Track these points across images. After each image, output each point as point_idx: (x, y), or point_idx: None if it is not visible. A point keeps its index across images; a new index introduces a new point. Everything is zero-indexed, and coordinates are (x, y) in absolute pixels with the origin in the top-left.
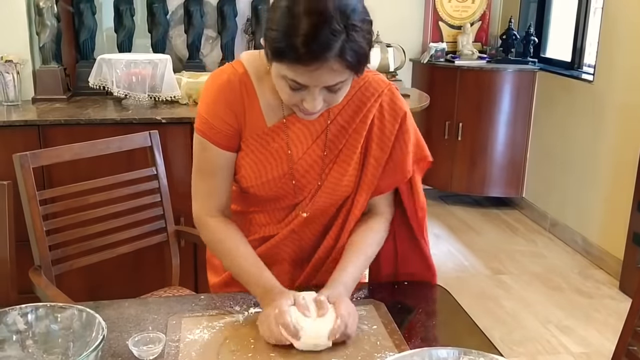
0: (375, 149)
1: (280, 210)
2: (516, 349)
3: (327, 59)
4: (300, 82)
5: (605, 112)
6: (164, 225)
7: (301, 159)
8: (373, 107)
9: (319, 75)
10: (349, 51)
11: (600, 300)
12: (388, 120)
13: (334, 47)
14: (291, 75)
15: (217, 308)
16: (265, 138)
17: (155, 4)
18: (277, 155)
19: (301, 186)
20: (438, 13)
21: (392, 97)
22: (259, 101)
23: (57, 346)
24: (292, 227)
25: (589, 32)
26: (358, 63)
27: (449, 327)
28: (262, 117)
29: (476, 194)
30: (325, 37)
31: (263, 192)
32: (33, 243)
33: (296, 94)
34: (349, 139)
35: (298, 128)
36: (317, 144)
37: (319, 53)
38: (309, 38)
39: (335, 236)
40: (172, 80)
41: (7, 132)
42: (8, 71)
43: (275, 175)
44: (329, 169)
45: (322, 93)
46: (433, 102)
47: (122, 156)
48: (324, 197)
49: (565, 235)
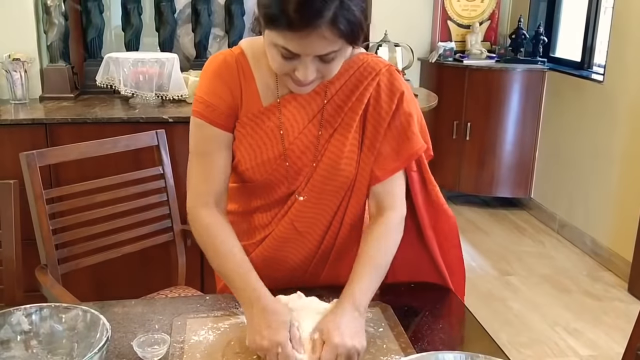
0: (370, 130)
1: (276, 202)
2: (524, 352)
3: (319, 25)
4: (291, 49)
5: (616, 113)
6: (170, 225)
7: (296, 138)
8: (370, 85)
9: (310, 42)
10: (341, 19)
11: (609, 302)
12: (384, 100)
13: (326, 14)
14: (282, 42)
15: (222, 309)
16: (261, 117)
17: (163, 3)
18: (272, 135)
19: (296, 169)
20: (447, 12)
21: (390, 77)
22: (256, 81)
23: (62, 347)
24: (290, 218)
25: (599, 32)
26: (351, 32)
27: (456, 330)
28: (258, 96)
29: (484, 194)
30: (318, 3)
31: (258, 175)
32: (39, 242)
33: (288, 63)
34: (345, 118)
35: (293, 107)
36: (312, 123)
37: (310, 19)
38: (301, 4)
39: (336, 229)
40: (179, 79)
41: (15, 130)
42: (16, 69)
43: (271, 156)
44: (324, 149)
45: (315, 63)
46: (441, 102)
47: (129, 155)
48: (320, 180)
49: (574, 237)
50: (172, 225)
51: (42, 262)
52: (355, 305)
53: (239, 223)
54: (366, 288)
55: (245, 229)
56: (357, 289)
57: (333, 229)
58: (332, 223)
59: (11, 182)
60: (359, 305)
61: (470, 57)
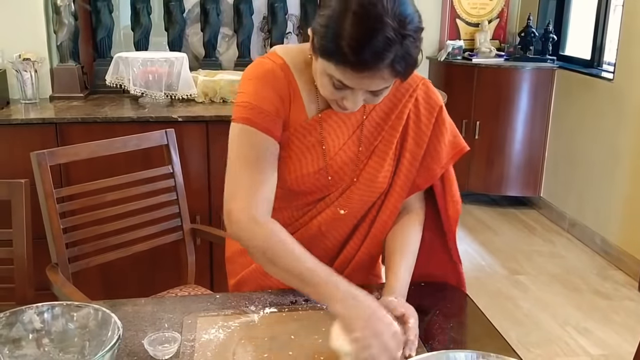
0: (411, 144)
1: (309, 204)
2: (534, 351)
3: (379, 68)
4: (346, 84)
5: (626, 111)
6: (179, 224)
7: (336, 154)
8: (409, 102)
9: (367, 81)
10: (400, 61)
11: (619, 301)
12: (424, 114)
13: (387, 56)
14: (338, 76)
15: (232, 308)
16: (302, 132)
17: (172, 2)
18: (314, 150)
19: (336, 180)
20: (455, 10)
21: (427, 91)
22: (301, 93)
23: (73, 345)
24: (320, 222)
25: (609, 30)
26: (407, 72)
27: (466, 329)
28: (304, 109)
29: (493, 193)
30: (379, 46)
31: (297, 187)
32: (50, 241)
33: (339, 92)
34: (385, 135)
35: (334, 121)
36: (352, 139)
37: (371, 62)
38: (362, 44)
39: (362, 237)
40: (188, 79)
41: (25, 130)
42: (26, 69)
43: (311, 171)
44: (363, 165)
45: (365, 95)
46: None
47: (139, 154)
48: (358, 193)
49: (584, 236)
50: (182, 224)
51: (52, 261)
52: (400, 294)
53: None
54: (407, 279)
55: None
56: (398, 283)
57: (359, 236)
58: (357, 229)
59: (22, 181)
60: (402, 294)
61: (479, 56)
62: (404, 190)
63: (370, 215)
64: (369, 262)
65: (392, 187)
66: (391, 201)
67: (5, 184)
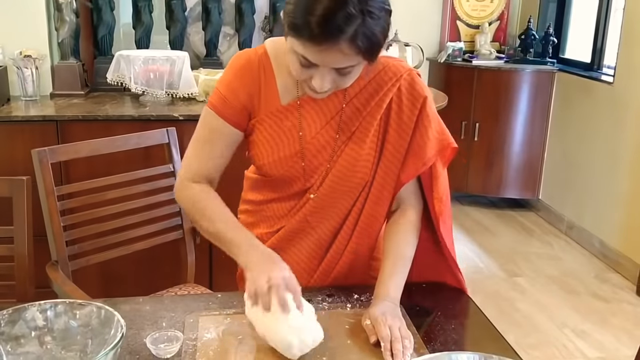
0: (393, 135)
1: (292, 196)
2: (531, 353)
3: (338, 41)
4: (309, 59)
5: (625, 114)
6: (179, 222)
7: (313, 138)
8: (390, 90)
9: (328, 55)
10: (361, 37)
11: (617, 304)
12: (406, 105)
13: (347, 30)
14: (302, 51)
15: (234, 307)
16: (279, 116)
17: (174, 1)
18: (290, 134)
19: (312, 167)
20: (456, 12)
21: (412, 82)
22: (276, 80)
23: (76, 343)
24: (304, 213)
25: (609, 33)
26: (369, 50)
27: (468, 330)
28: (278, 95)
29: (492, 195)
30: (340, 20)
31: (274, 171)
32: (50, 238)
33: (305, 70)
34: (363, 122)
35: (312, 108)
36: (330, 125)
37: (331, 34)
38: (324, 18)
39: (350, 229)
40: (189, 77)
41: (26, 127)
42: (27, 66)
43: (287, 154)
44: (340, 151)
45: (331, 74)
46: (450, 102)
47: (139, 153)
48: (334, 180)
49: (582, 238)
50: (182, 223)
51: (53, 259)
52: (391, 300)
53: (258, 212)
54: (399, 284)
55: (263, 217)
56: (392, 286)
57: (346, 229)
58: (345, 223)
59: (24, 178)
60: (394, 299)
61: (479, 58)
62: (388, 183)
63: (356, 207)
64: (360, 256)
65: (374, 178)
66: (375, 193)
67: (6, 181)
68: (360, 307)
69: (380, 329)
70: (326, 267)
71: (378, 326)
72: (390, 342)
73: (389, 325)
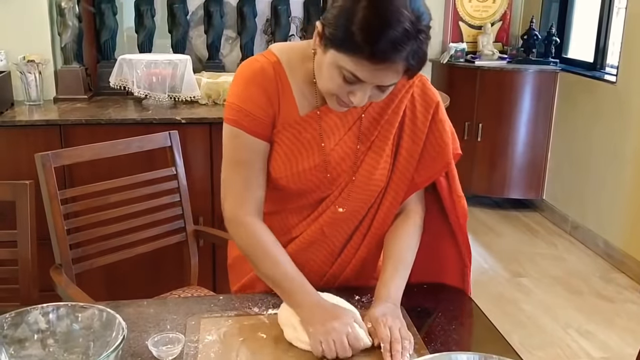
0: (407, 141)
1: (309, 206)
2: (536, 353)
3: (396, 61)
4: (359, 76)
5: (628, 114)
6: (183, 225)
7: (333, 150)
8: (405, 97)
9: (381, 74)
10: (415, 56)
11: (621, 304)
12: (420, 111)
13: (405, 49)
14: (352, 68)
15: (235, 309)
16: (297, 127)
17: (176, 5)
18: (309, 146)
19: (332, 178)
20: (458, 13)
21: (424, 87)
22: (292, 90)
23: (78, 346)
24: (320, 224)
25: (611, 33)
26: (418, 69)
27: (469, 331)
28: (295, 106)
29: (496, 195)
30: (398, 38)
31: (293, 184)
32: (54, 242)
33: (348, 86)
34: (381, 130)
35: (331, 119)
36: (349, 135)
37: (390, 54)
38: (377, 34)
39: (362, 236)
40: (192, 81)
41: (29, 131)
42: (30, 71)
43: (307, 167)
44: (360, 161)
45: (373, 90)
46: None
47: (142, 156)
48: (357, 191)
49: (587, 239)
50: (185, 226)
51: (56, 262)
52: (392, 301)
53: (269, 222)
54: (400, 285)
55: (276, 228)
56: (393, 287)
57: (359, 235)
58: (358, 229)
59: (27, 182)
60: (395, 300)
61: (481, 58)
62: (401, 188)
63: (370, 214)
64: (369, 261)
65: (389, 184)
66: (388, 199)
67: (10, 185)
68: (361, 308)
69: (380, 330)
70: (335, 272)
71: (378, 327)
72: (390, 343)
73: (389, 326)
